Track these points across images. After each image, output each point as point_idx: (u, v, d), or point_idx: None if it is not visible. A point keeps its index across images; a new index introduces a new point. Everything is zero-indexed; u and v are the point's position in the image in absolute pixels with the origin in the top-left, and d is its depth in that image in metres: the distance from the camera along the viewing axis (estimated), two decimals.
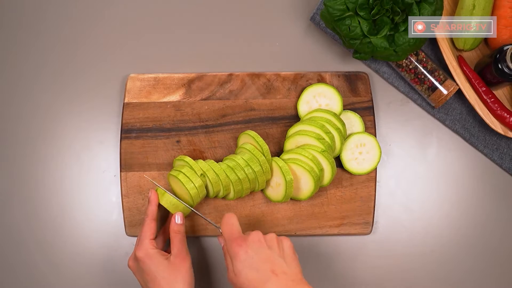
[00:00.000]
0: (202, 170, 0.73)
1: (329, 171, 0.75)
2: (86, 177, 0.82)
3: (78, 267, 0.80)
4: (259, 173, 0.74)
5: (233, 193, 0.75)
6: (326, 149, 0.74)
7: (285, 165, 0.74)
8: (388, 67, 0.83)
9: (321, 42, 0.85)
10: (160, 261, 0.67)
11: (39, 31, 0.85)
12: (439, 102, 0.79)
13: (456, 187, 0.82)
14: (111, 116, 0.82)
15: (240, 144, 0.77)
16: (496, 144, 0.82)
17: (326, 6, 0.72)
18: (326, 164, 0.74)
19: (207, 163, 0.74)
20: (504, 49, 0.74)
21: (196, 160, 0.75)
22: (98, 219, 0.81)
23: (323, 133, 0.74)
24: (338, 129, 0.76)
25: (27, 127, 0.83)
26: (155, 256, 0.68)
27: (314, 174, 0.74)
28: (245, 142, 0.77)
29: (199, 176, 0.73)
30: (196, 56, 0.84)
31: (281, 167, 0.74)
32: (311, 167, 0.75)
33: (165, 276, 0.66)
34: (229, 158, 0.76)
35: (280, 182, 0.75)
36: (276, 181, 0.76)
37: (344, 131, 0.77)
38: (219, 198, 0.78)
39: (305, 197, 0.76)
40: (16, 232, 0.80)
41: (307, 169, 0.74)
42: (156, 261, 0.67)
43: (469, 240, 0.81)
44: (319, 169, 0.74)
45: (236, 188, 0.74)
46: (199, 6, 0.86)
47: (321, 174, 0.75)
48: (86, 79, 0.84)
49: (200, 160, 0.75)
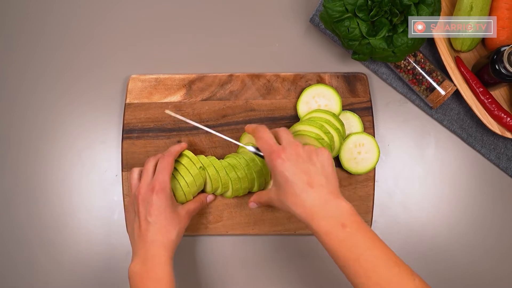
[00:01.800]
0: (202, 164, 0.74)
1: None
2: (88, 177, 0.82)
3: (80, 265, 0.80)
4: (259, 174, 0.75)
5: (231, 191, 0.76)
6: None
7: None
8: (386, 68, 0.84)
9: (320, 43, 0.85)
10: (170, 203, 0.68)
11: (42, 33, 0.85)
12: (437, 103, 0.80)
13: (453, 186, 0.83)
14: (112, 117, 0.83)
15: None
16: (493, 144, 0.83)
17: (325, 7, 0.73)
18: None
19: (208, 159, 0.75)
20: (501, 50, 0.74)
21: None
22: (100, 218, 0.81)
23: (322, 133, 0.75)
24: (337, 129, 0.77)
25: (30, 127, 0.83)
26: (169, 196, 0.68)
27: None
28: (248, 142, 0.77)
29: (198, 168, 0.73)
30: (197, 57, 0.85)
31: None
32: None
33: (168, 217, 0.67)
34: (230, 156, 0.76)
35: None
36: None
37: (343, 131, 0.78)
38: (217, 195, 0.79)
39: None
40: (19, 230, 0.81)
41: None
42: (167, 201, 0.67)
43: (467, 239, 0.81)
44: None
45: (234, 187, 0.75)
46: (200, 8, 0.86)
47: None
48: (88, 80, 0.84)
49: (201, 156, 0.76)
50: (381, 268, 0.56)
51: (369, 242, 0.58)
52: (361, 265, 0.56)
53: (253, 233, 0.80)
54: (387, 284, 0.56)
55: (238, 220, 0.79)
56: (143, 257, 0.65)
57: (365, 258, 0.56)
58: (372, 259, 0.57)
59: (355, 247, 0.57)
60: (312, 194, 0.59)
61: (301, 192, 0.59)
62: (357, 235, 0.58)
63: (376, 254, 0.57)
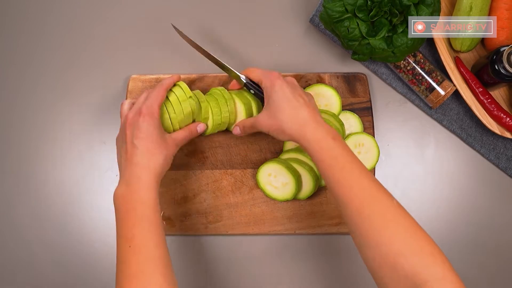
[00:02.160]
0: (192, 94, 0.73)
1: None
2: (89, 177, 0.82)
3: (81, 264, 0.81)
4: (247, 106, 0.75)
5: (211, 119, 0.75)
6: None
7: (291, 165, 0.75)
8: (386, 68, 0.84)
9: (320, 44, 0.86)
10: (158, 128, 0.67)
11: (42, 33, 0.86)
12: (436, 103, 0.80)
13: (453, 186, 0.83)
14: (113, 117, 0.83)
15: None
16: (492, 144, 0.83)
17: (325, 8, 0.73)
18: None
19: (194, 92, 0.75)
20: (501, 50, 0.75)
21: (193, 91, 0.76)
22: (100, 217, 0.82)
23: None
24: (337, 128, 0.77)
25: (30, 127, 0.84)
26: (157, 121, 0.67)
27: (313, 173, 0.75)
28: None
29: (188, 97, 0.72)
30: (197, 57, 0.84)
31: (288, 167, 0.75)
32: (311, 166, 0.75)
33: (154, 142, 0.66)
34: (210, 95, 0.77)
35: (287, 181, 0.76)
36: (282, 181, 0.77)
37: (343, 131, 0.78)
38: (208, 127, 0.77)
39: (304, 196, 0.77)
40: (20, 230, 0.81)
41: (307, 168, 0.75)
42: (155, 125, 0.67)
43: (466, 238, 0.82)
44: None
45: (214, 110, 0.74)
46: (200, 8, 0.87)
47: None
48: (89, 80, 0.85)
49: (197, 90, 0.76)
50: (363, 180, 0.60)
51: (354, 157, 0.62)
52: (343, 175, 0.60)
53: (253, 233, 0.80)
54: (369, 196, 0.59)
55: (238, 220, 0.80)
56: (127, 179, 0.64)
57: (348, 169, 0.61)
58: (356, 171, 0.60)
59: (341, 157, 0.62)
60: (308, 110, 0.66)
61: (300, 107, 0.66)
62: (345, 148, 0.63)
63: (360, 167, 0.61)
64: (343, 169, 0.61)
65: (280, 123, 0.66)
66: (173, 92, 0.72)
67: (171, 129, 0.72)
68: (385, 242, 0.55)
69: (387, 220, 0.57)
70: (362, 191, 0.59)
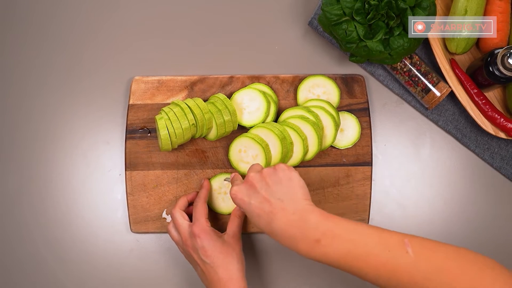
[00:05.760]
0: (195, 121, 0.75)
1: (332, 126, 0.78)
2: (93, 176, 0.83)
3: (85, 263, 0.81)
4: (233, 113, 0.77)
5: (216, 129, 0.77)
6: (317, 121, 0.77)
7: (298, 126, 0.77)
8: (383, 70, 0.85)
9: (319, 46, 0.86)
10: (216, 238, 0.70)
11: (47, 34, 0.86)
12: (432, 104, 0.81)
13: (448, 185, 0.84)
14: (116, 117, 0.84)
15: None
16: (487, 144, 0.83)
17: (324, 11, 0.73)
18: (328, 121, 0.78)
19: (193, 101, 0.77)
20: (495, 52, 0.75)
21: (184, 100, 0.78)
22: (103, 216, 0.82)
23: (307, 112, 0.77)
24: (332, 115, 0.78)
25: (35, 128, 0.84)
26: (212, 233, 0.71)
27: (317, 128, 0.76)
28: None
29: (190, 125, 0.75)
30: (198, 59, 0.85)
31: (253, 138, 0.76)
32: (314, 122, 0.77)
33: (222, 251, 0.69)
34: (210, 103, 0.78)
35: (257, 152, 0.76)
36: (251, 154, 0.77)
37: (338, 119, 0.79)
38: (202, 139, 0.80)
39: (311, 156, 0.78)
40: (25, 229, 0.82)
41: (310, 122, 0.76)
42: (213, 238, 0.70)
43: (461, 236, 0.82)
44: (320, 127, 0.77)
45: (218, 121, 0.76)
46: (202, 11, 0.87)
47: (323, 133, 0.78)
48: (92, 81, 0.85)
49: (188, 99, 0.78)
50: (374, 251, 0.55)
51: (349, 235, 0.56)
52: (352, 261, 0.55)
53: (253, 232, 0.81)
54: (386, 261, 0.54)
55: None
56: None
57: (354, 255, 0.55)
58: (361, 251, 0.55)
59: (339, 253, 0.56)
60: (277, 223, 0.58)
61: (270, 223, 0.59)
62: (333, 243, 0.56)
63: (365, 241, 0.56)
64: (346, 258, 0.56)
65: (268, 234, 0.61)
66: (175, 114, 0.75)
67: (169, 147, 0.75)
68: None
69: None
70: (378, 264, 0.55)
